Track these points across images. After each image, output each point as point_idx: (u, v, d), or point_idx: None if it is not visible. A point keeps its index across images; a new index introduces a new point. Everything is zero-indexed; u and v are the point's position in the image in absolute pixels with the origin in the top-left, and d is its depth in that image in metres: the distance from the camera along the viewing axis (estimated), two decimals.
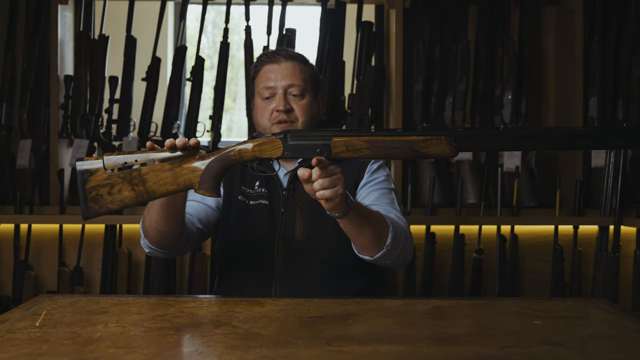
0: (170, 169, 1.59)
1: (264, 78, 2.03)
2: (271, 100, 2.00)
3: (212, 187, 1.61)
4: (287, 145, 1.60)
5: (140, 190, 1.59)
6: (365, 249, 1.81)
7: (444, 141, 1.54)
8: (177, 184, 1.60)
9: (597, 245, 3.25)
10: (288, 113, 1.98)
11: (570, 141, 1.55)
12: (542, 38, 3.62)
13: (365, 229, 1.75)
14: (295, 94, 2.00)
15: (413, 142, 1.55)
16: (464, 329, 1.47)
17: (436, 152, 1.56)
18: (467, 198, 3.33)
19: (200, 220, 2.01)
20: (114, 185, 1.59)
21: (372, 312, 1.60)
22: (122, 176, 1.59)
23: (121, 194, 1.59)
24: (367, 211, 1.77)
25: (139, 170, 1.59)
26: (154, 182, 1.59)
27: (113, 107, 3.38)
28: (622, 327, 1.47)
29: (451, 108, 3.39)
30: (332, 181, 1.58)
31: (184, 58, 3.42)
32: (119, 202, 1.60)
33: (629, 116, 3.39)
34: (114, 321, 1.45)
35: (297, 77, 2.01)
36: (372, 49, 3.44)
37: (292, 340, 1.32)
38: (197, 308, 1.61)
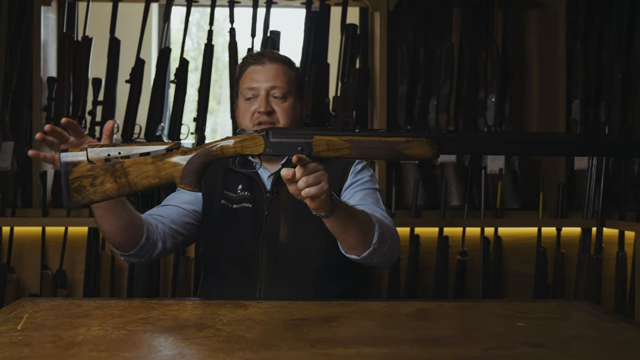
0: (153, 163, 1.60)
1: (247, 79, 2.03)
2: (253, 101, 2.01)
3: (193, 181, 1.61)
4: (268, 142, 1.60)
5: (122, 183, 1.60)
6: (352, 248, 1.81)
7: (425, 143, 1.54)
8: (159, 178, 1.61)
9: (580, 247, 3.27)
10: (269, 115, 1.98)
11: (552, 147, 1.55)
12: (525, 41, 3.65)
13: (351, 228, 1.75)
14: (277, 95, 2.00)
15: (394, 143, 1.55)
16: (447, 331, 1.47)
17: (417, 154, 1.56)
18: (451, 200, 3.34)
19: (173, 221, 2.01)
20: (96, 176, 1.59)
21: (356, 314, 1.60)
22: (105, 168, 1.59)
23: (103, 185, 1.60)
24: (352, 210, 1.77)
25: (122, 163, 1.60)
26: (136, 174, 1.60)
27: (96, 109, 3.36)
28: (604, 329, 1.48)
29: (435, 111, 3.40)
30: (317, 178, 1.58)
31: (168, 60, 3.41)
32: (101, 194, 1.60)
33: (612, 118, 3.42)
34: (96, 324, 1.44)
35: (280, 79, 2.02)
36: (357, 51, 3.44)
37: (276, 342, 1.31)
38: (181, 311, 1.60)
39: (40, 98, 3.29)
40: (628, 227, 3.18)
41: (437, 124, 3.39)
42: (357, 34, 3.45)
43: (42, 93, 3.31)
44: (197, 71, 3.51)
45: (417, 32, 3.46)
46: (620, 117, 3.43)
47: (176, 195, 2.10)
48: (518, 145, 1.58)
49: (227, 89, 3.51)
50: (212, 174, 2.06)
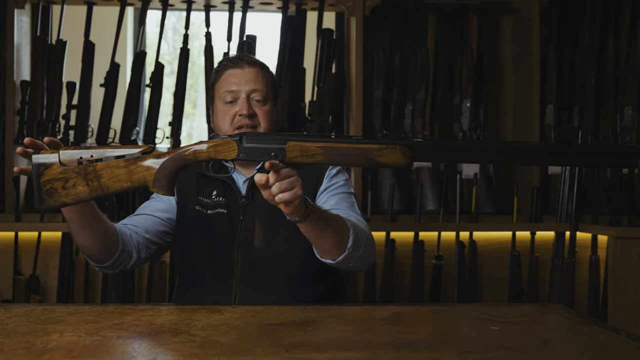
0: (125, 166, 1.59)
1: (226, 82, 2.02)
2: (234, 104, 2.00)
3: (165, 185, 1.61)
4: (242, 148, 1.59)
5: (94, 186, 1.59)
6: (327, 253, 1.81)
7: (399, 150, 1.54)
8: (132, 181, 1.60)
9: (554, 251, 3.31)
10: (251, 118, 1.98)
11: (526, 156, 1.56)
12: (499, 46, 3.68)
13: (325, 232, 1.75)
14: (258, 99, 2.00)
15: (368, 150, 1.55)
16: (422, 335, 1.48)
17: (391, 161, 1.56)
18: (427, 205, 3.36)
19: (147, 230, 2.00)
20: (68, 179, 1.59)
21: (331, 319, 1.60)
22: (77, 171, 1.59)
23: (75, 188, 1.59)
24: (326, 214, 1.77)
25: (94, 166, 1.59)
26: (108, 178, 1.59)
27: (70, 113, 3.33)
28: (577, 332, 1.49)
29: (411, 115, 3.42)
30: (290, 183, 1.57)
31: (143, 64, 3.39)
32: (73, 197, 1.59)
33: (585, 123, 3.45)
34: (69, 330, 1.43)
35: (260, 82, 2.02)
36: (333, 56, 3.45)
37: (251, 347, 1.31)
38: (155, 316, 1.59)
39: (13, 102, 3.25)
40: (601, 231, 3.22)
41: (412, 128, 3.40)
42: (333, 39, 3.46)
43: (16, 97, 3.27)
44: (172, 75, 3.49)
45: (392, 37, 3.48)
46: (593, 122, 3.47)
47: (150, 204, 2.09)
48: (492, 154, 1.59)
49: (203, 93, 3.50)
50: (186, 180, 2.05)
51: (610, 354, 1.33)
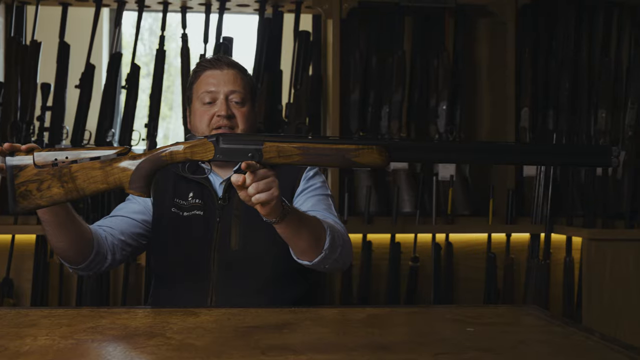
0: (101, 168, 1.58)
1: (204, 83, 2.02)
2: (212, 105, 1.99)
3: (142, 187, 1.60)
4: (218, 148, 1.58)
5: (69, 188, 1.58)
6: (304, 254, 1.81)
7: (376, 151, 1.55)
8: (107, 183, 1.59)
9: (529, 253, 3.33)
10: (229, 119, 1.97)
11: (500, 156, 1.57)
12: (475, 49, 3.70)
13: (302, 233, 1.75)
14: (236, 100, 2.00)
15: (345, 151, 1.55)
16: (398, 337, 1.48)
17: (367, 162, 1.56)
18: (403, 207, 3.37)
19: (123, 232, 1.99)
20: (43, 181, 1.57)
21: (307, 321, 1.60)
22: (52, 173, 1.58)
23: (50, 190, 1.58)
24: (303, 215, 1.77)
25: (69, 168, 1.58)
26: (83, 179, 1.58)
27: (45, 114, 3.30)
28: (552, 333, 1.50)
29: (387, 117, 3.43)
30: (267, 184, 1.57)
31: (119, 65, 3.37)
32: (47, 199, 1.58)
33: (559, 126, 3.49)
34: (43, 334, 1.42)
35: (238, 84, 2.02)
36: (310, 58, 3.45)
37: (227, 350, 1.31)
38: (130, 319, 1.58)
39: None
40: (575, 232, 3.25)
41: (389, 130, 3.42)
42: (310, 41, 3.46)
43: None
44: (148, 77, 3.47)
45: (369, 40, 3.50)
46: (568, 125, 3.50)
47: (126, 205, 2.08)
48: (468, 154, 1.60)
49: (180, 95, 3.48)
50: (162, 182, 2.04)
51: (584, 355, 1.34)
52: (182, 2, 3.40)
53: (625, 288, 3.06)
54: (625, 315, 3.04)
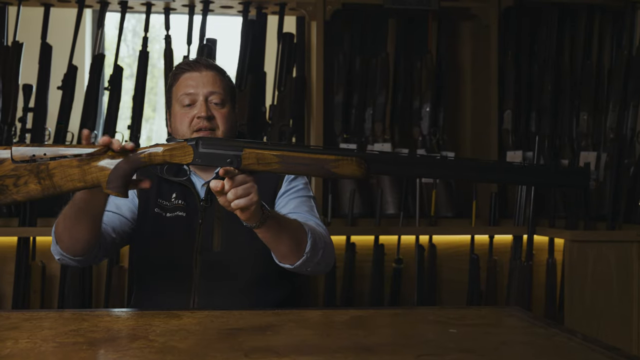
0: (79, 166, 1.58)
1: (184, 85, 2.01)
2: (192, 107, 1.99)
3: (119, 187, 1.59)
4: (197, 153, 1.58)
5: (46, 184, 1.57)
6: (285, 257, 1.81)
7: (355, 162, 1.55)
8: (85, 181, 1.58)
9: (512, 254, 3.35)
10: (209, 120, 1.97)
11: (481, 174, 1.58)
12: (458, 52, 3.72)
13: (283, 237, 1.75)
14: (216, 102, 2.00)
15: (324, 161, 1.56)
16: (381, 338, 1.49)
17: (346, 173, 1.56)
18: (387, 209, 3.38)
19: (114, 229, 1.98)
20: (20, 177, 1.57)
21: (291, 323, 1.60)
22: (29, 169, 1.57)
23: (27, 186, 1.57)
24: (284, 219, 1.77)
25: (47, 164, 1.57)
26: (60, 177, 1.57)
27: (27, 116, 3.28)
28: (534, 334, 1.51)
29: (371, 119, 3.44)
30: (245, 190, 1.57)
31: (101, 66, 3.35)
32: (24, 194, 1.58)
33: (542, 128, 3.51)
34: (24, 337, 1.41)
35: (218, 85, 2.01)
36: (293, 60, 3.45)
37: (210, 353, 1.30)
38: (113, 322, 1.57)
39: None
40: (558, 234, 3.26)
41: (373, 132, 3.42)
42: (294, 43, 3.46)
43: None
44: (132, 78, 3.46)
45: (353, 42, 3.50)
46: (550, 127, 3.53)
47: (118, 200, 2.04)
48: (450, 170, 1.61)
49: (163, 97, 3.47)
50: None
51: (567, 356, 1.35)
52: (165, 4, 3.39)
53: (607, 289, 3.08)
54: (607, 316, 3.07)
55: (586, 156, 3.48)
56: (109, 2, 3.36)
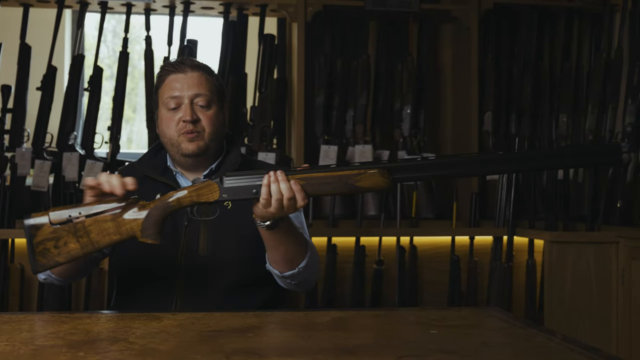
0: (113, 219, 1.63)
1: (168, 88, 1.97)
2: (177, 110, 1.95)
3: (154, 234, 1.65)
4: (223, 189, 1.63)
5: (84, 242, 1.63)
6: (277, 264, 1.85)
7: (378, 174, 1.57)
8: (120, 233, 1.64)
9: (492, 256, 3.36)
10: (195, 123, 1.94)
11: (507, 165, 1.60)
12: (439, 54, 3.74)
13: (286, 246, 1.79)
14: (201, 104, 1.95)
15: (346, 177, 1.58)
16: (362, 340, 1.49)
17: (370, 185, 1.58)
18: (368, 210, 3.38)
19: None
20: (59, 238, 1.62)
21: (272, 324, 1.60)
22: (67, 229, 1.62)
23: (67, 246, 1.63)
24: (294, 229, 1.81)
25: (83, 222, 1.63)
26: (97, 233, 1.63)
27: (5, 117, 3.25)
28: (514, 335, 1.52)
29: (352, 121, 3.45)
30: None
31: (81, 67, 3.33)
32: (65, 255, 1.63)
33: (521, 130, 3.53)
34: (3, 340, 1.39)
35: (203, 87, 1.97)
36: (274, 61, 3.45)
37: (191, 355, 1.30)
38: (93, 324, 1.56)
39: None
40: (537, 235, 3.29)
41: (354, 134, 3.43)
42: (275, 44, 3.46)
43: None
44: (112, 79, 3.44)
45: (334, 44, 3.51)
46: (530, 129, 3.55)
47: None
48: (473, 166, 1.62)
49: (144, 98, 3.46)
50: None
51: (546, 357, 1.36)
52: (145, 4, 3.38)
53: (587, 290, 3.10)
54: (586, 316, 3.09)
55: None
56: (88, 3, 3.34)
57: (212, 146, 1.97)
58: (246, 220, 1.93)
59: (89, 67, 3.37)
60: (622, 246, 3.06)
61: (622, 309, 3.05)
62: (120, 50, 3.36)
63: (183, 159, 1.96)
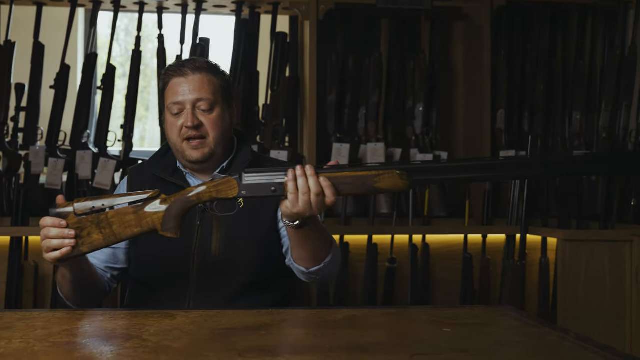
0: (134, 212, 1.66)
1: (171, 92, 1.95)
2: (180, 115, 1.93)
3: (174, 227, 1.66)
4: (242, 185, 1.63)
5: (107, 233, 1.66)
6: (303, 261, 1.84)
7: (397, 175, 1.57)
8: (141, 226, 1.67)
9: (505, 254, 3.35)
10: (197, 128, 1.93)
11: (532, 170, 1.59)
12: (451, 51, 3.72)
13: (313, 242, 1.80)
14: (204, 108, 1.93)
15: (365, 177, 1.58)
16: (375, 338, 1.49)
17: (389, 186, 1.58)
18: (380, 208, 3.38)
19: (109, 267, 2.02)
20: (83, 228, 1.65)
21: (285, 322, 1.60)
22: (91, 220, 1.66)
23: (90, 237, 1.66)
24: (320, 227, 1.81)
25: (106, 214, 1.66)
26: (119, 225, 1.66)
27: (19, 115, 3.27)
28: (527, 334, 1.51)
29: (364, 119, 3.44)
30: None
31: (94, 66, 3.34)
32: (88, 245, 1.66)
33: (534, 128, 3.52)
34: (18, 337, 1.40)
35: (205, 90, 1.94)
36: (287, 59, 3.45)
37: (204, 352, 1.30)
38: (106, 321, 1.57)
39: None
40: (550, 233, 3.27)
41: (366, 132, 3.43)
42: (287, 42, 3.46)
43: None
44: (124, 77, 3.45)
45: (346, 42, 3.51)
46: (543, 127, 3.54)
47: None
48: (495, 170, 1.60)
49: (156, 96, 3.47)
50: (141, 184, 2.01)
51: (560, 355, 1.35)
52: (158, 3, 3.39)
53: (600, 289, 3.09)
54: (600, 315, 3.07)
55: None
56: (101, 2, 3.35)
57: (219, 150, 1.96)
58: (259, 219, 1.94)
59: (102, 66, 3.39)
60: (636, 244, 3.04)
61: (636, 308, 3.04)
62: (132, 48, 3.37)
63: (189, 164, 1.96)
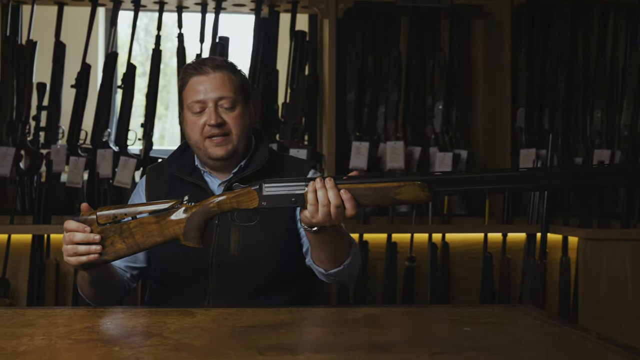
0: (156, 222, 1.68)
1: (192, 91, 1.94)
2: (202, 114, 1.93)
3: (195, 237, 1.67)
4: (262, 196, 1.64)
5: (130, 243, 1.68)
6: (322, 263, 1.85)
7: (418, 186, 1.57)
8: (164, 236, 1.68)
9: (525, 253, 3.33)
10: (220, 127, 1.93)
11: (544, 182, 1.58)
12: (471, 49, 3.71)
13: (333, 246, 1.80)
14: (226, 106, 1.93)
15: (386, 189, 1.58)
16: (395, 337, 1.48)
17: (410, 198, 1.58)
18: (400, 207, 3.37)
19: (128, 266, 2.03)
20: (106, 238, 1.67)
21: (304, 321, 1.60)
22: (114, 230, 1.67)
23: (114, 246, 1.67)
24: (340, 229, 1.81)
25: (129, 224, 1.68)
26: (142, 234, 1.68)
27: (41, 114, 3.30)
28: (548, 333, 1.51)
29: (383, 118, 3.44)
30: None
31: (114, 65, 3.37)
32: (112, 254, 1.68)
33: (555, 126, 3.50)
34: (40, 334, 1.41)
35: (227, 88, 1.94)
36: (306, 58, 3.45)
37: (224, 350, 1.30)
38: (127, 319, 1.58)
39: None
40: (571, 232, 3.25)
41: (385, 130, 3.42)
42: (306, 41, 3.46)
43: None
44: (144, 76, 3.47)
45: (365, 40, 3.50)
46: (564, 125, 3.51)
47: None
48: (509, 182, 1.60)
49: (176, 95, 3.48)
50: (159, 184, 2.02)
51: (581, 355, 1.34)
52: (178, 2, 3.40)
53: (622, 288, 3.06)
54: (621, 314, 3.05)
55: (600, 154, 3.46)
56: (122, 1, 3.37)
57: (241, 147, 1.96)
58: (278, 221, 1.93)
59: (122, 65, 3.41)
60: None
61: None
62: (152, 47, 3.39)
63: (211, 161, 1.96)
